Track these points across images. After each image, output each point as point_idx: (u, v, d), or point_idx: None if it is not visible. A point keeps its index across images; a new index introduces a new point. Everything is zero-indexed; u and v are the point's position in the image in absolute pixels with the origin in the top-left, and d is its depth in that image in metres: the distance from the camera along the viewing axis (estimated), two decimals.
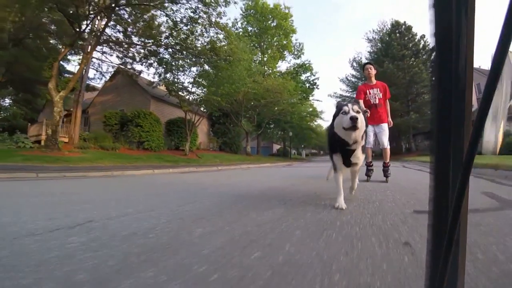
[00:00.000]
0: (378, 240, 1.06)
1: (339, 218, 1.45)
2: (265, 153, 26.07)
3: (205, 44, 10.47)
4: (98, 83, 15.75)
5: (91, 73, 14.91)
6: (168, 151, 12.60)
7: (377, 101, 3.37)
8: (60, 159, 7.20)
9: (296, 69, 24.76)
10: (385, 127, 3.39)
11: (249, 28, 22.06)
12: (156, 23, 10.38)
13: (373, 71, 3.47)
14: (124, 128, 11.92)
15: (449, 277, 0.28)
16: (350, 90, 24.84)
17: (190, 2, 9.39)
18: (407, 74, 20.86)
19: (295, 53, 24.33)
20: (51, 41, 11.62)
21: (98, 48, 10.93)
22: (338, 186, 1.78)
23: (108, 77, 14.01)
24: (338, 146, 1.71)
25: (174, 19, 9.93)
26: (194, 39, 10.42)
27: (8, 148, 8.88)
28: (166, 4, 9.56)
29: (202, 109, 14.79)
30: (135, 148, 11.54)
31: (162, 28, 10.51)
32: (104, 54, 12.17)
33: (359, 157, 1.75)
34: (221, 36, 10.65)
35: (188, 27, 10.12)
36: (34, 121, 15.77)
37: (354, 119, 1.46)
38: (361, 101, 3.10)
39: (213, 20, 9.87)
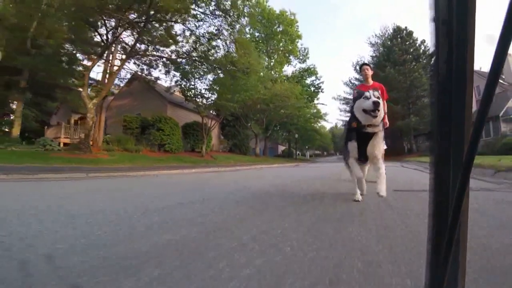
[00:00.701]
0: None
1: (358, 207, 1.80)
2: (271, 154, 26.82)
3: (224, 56, 11.23)
4: (116, 89, 16.27)
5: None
6: (185, 153, 13.54)
7: None
8: (94, 161, 7.90)
9: (302, 73, 25.36)
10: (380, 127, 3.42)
11: (256, 34, 22.42)
12: (179, 36, 11.09)
13: (370, 72, 3.46)
14: (145, 131, 12.66)
15: (449, 277, 0.28)
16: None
17: (214, 20, 10.15)
18: (407, 79, 21.72)
19: (301, 57, 24.85)
20: (68, 48, 12.27)
21: (117, 55, 11.65)
22: (354, 174, 1.78)
23: (124, 82, 14.58)
24: (354, 133, 1.70)
25: (198, 34, 10.80)
26: (214, 52, 11.31)
27: (36, 150, 9.30)
28: (191, 19, 10.21)
29: (214, 113, 15.95)
30: (156, 150, 12.34)
31: (184, 41, 11.25)
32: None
33: (377, 146, 1.68)
34: (240, 51, 11.32)
35: (210, 41, 10.95)
36: (44, 123, 16.37)
37: (376, 103, 1.50)
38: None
39: (233, 37, 10.63)
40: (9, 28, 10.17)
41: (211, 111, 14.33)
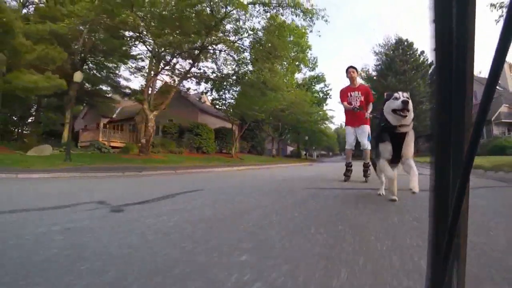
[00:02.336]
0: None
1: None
2: (281, 154, 29.29)
3: (257, 77, 12.89)
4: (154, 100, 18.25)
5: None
6: (217, 154, 16.01)
7: (358, 103, 3.43)
8: (158, 161, 9.22)
9: (311, 80, 26.77)
10: (365, 128, 3.47)
11: (268, 45, 23.21)
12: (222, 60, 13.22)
13: (355, 74, 3.56)
14: (182, 136, 15.09)
15: (449, 277, 0.28)
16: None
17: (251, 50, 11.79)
18: (407, 87, 23.42)
19: (310, 66, 25.80)
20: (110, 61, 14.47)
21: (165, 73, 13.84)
22: (386, 174, 1.80)
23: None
24: (387, 133, 1.72)
25: (238, 60, 12.82)
26: (249, 74, 13.24)
27: (92, 153, 10.61)
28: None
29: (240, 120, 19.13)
30: (194, 151, 14.73)
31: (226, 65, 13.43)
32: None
33: (409, 145, 1.70)
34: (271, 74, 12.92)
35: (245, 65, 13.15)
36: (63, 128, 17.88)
37: (405, 102, 1.55)
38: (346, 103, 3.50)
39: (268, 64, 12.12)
40: (64, 44, 10.84)
41: (238, 119, 17.21)
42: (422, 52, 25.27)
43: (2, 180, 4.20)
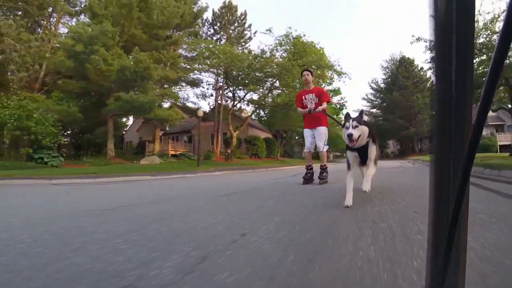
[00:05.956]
0: None
1: None
2: (299, 156, 32.54)
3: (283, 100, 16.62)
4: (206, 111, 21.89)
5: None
6: (266, 158, 20.71)
7: (313, 106, 3.44)
8: (239, 164, 12.69)
9: (328, 93, 28.42)
10: (321, 130, 3.48)
11: (284, 54, 24.41)
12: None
13: (310, 77, 3.58)
14: (240, 145, 19.24)
15: (449, 277, 0.28)
16: (370, 106, 35.88)
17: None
18: (408, 100, 29.08)
19: (328, 81, 26.88)
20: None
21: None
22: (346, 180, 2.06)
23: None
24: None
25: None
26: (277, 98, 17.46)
27: (187, 160, 14.99)
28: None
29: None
30: (252, 157, 19.33)
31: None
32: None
33: (371, 156, 2.01)
34: None
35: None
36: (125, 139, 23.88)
37: (349, 135, 1.77)
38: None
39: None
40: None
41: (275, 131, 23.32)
42: (421, 68, 30.17)
43: (202, 176, 6.74)
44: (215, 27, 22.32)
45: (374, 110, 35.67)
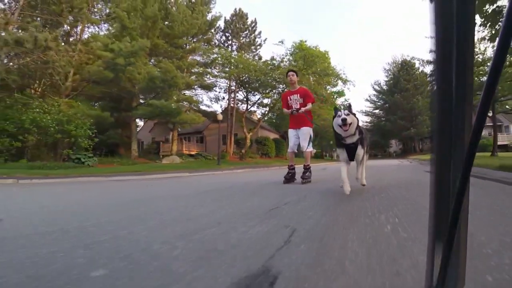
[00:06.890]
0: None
1: None
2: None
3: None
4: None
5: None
6: (276, 157, 21.55)
7: (298, 106, 3.47)
8: (254, 163, 14.04)
9: (333, 95, 29.07)
10: (305, 130, 3.50)
11: (294, 63, 24.64)
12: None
13: (295, 78, 3.56)
14: (251, 146, 19.69)
15: (449, 277, 0.28)
16: (373, 107, 37.19)
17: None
18: (409, 102, 30.68)
19: (332, 83, 26.86)
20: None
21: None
22: (341, 174, 2.32)
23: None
24: (340, 142, 2.25)
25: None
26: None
27: (204, 160, 15.97)
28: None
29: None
30: (263, 156, 20.48)
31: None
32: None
33: (359, 153, 2.26)
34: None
35: None
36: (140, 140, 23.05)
37: (343, 120, 2.02)
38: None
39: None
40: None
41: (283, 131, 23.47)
42: (422, 71, 31.01)
43: (229, 173, 7.62)
44: (227, 34, 23.09)
45: (377, 111, 36.48)
